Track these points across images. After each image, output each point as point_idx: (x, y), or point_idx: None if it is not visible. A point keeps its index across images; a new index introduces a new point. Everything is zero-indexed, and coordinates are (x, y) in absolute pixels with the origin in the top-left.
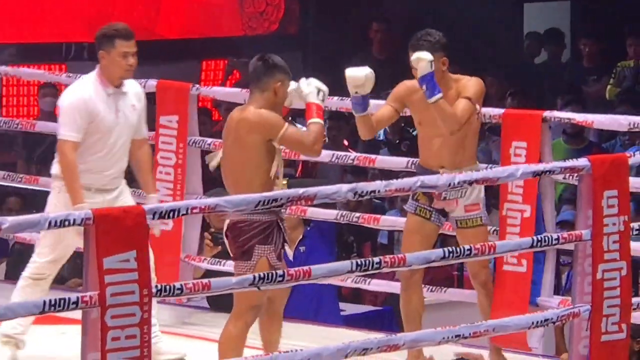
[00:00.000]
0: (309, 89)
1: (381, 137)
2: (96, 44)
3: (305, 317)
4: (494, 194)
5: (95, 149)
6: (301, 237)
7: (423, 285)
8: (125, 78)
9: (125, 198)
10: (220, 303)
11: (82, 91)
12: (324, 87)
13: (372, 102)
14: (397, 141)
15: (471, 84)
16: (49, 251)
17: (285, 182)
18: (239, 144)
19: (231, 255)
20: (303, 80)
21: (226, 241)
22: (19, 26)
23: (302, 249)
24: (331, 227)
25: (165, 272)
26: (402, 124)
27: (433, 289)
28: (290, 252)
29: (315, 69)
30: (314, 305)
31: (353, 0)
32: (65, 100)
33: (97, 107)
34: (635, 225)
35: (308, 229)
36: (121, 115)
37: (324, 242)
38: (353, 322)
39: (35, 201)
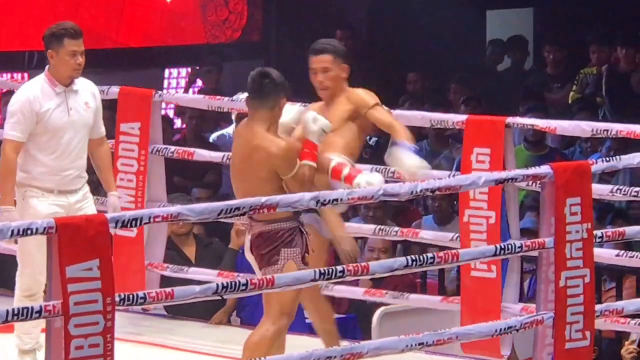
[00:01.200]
0: (315, 129)
1: None
2: (45, 43)
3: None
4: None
5: (49, 150)
6: None
7: (386, 291)
8: (74, 77)
9: (88, 206)
10: (179, 310)
11: (27, 92)
12: (328, 127)
13: None
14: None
15: (364, 91)
16: (30, 262)
17: None
18: (255, 167)
19: (258, 266)
20: (311, 114)
21: (251, 255)
22: None
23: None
24: None
25: (131, 280)
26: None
27: (396, 295)
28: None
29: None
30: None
31: (315, 8)
32: (12, 101)
33: (44, 107)
34: (598, 232)
35: None
36: (73, 113)
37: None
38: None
39: None
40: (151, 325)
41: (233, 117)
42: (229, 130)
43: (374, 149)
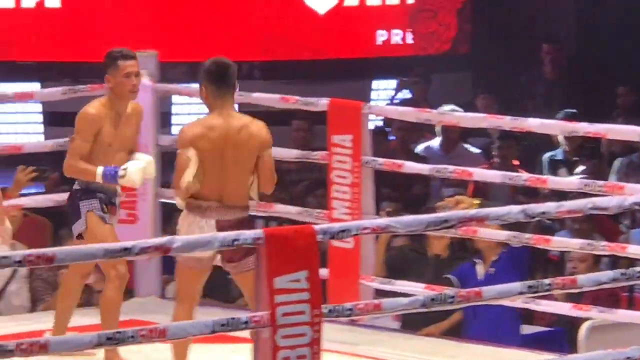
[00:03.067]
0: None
1: (559, 157)
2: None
3: (486, 338)
4: None
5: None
6: (495, 259)
7: (591, 306)
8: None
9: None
10: (412, 323)
11: None
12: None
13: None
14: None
15: None
16: None
17: (478, 201)
18: (252, 151)
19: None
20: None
21: None
22: (189, 45)
23: (491, 270)
24: (524, 252)
25: (346, 291)
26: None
27: (603, 311)
28: (480, 272)
29: (485, 89)
30: (494, 328)
31: (523, 21)
32: None
33: None
34: None
35: (503, 252)
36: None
37: (515, 267)
38: (528, 342)
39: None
40: (358, 337)
41: (437, 129)
42: (435, 142)
43: None
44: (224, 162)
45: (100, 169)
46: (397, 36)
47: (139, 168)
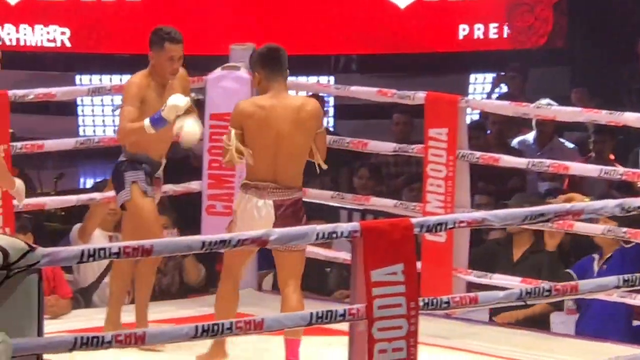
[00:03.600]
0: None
1: None
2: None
3: (595, 335)
4: None
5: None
6: (609, 255)
7: None
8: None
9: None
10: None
11: None
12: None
13: None
14: None
15: None
16: None
17: (588, 199)
18: (305, 131)
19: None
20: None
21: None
22: (286, 39)
23: (604, 267)
24: (636, 250)
25: (439, 284)
26: None
27: None
28: (596, 268)
29: (582, 83)
30: (603, 323)
31: (620, 15)
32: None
33: None
34: None
35: (618, 249)
36: None
37: (627, 264)
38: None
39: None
40: (452, 329)
41: (533, 123)
42: (529, 136)
43: None
44: (280, 142)
45: (147, 120)
46: (494, 30)
47: (194, 122)
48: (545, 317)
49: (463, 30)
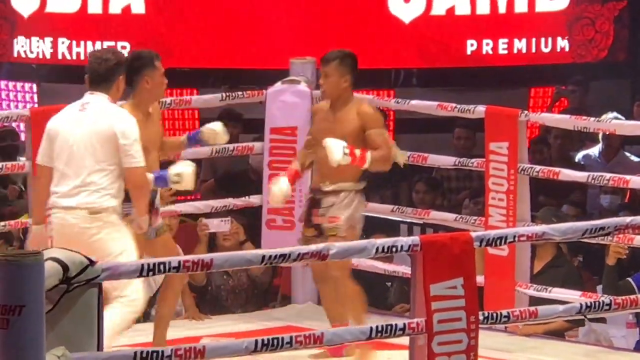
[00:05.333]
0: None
1: None
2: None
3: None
4: None
5: None
6: None
7: None
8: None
9: None
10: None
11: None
12: None
13: None
14: None
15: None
16: None
17: None
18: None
19: None
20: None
21: None
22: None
23: None
24: None
25: (501, 299)
26: None
27: None
28: None
29: None
30: None
31: None
32: (128, 130)
33: None
34: None
35: None
36: None
37: None
38: None
39: None
40: (513, 343)
41: (600, 136)
42: (594, 150)
43: None
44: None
45: (150, 175)
46: (555, 44)
47: (191, 171)
48: (560, 334)
49: (523, 44)
